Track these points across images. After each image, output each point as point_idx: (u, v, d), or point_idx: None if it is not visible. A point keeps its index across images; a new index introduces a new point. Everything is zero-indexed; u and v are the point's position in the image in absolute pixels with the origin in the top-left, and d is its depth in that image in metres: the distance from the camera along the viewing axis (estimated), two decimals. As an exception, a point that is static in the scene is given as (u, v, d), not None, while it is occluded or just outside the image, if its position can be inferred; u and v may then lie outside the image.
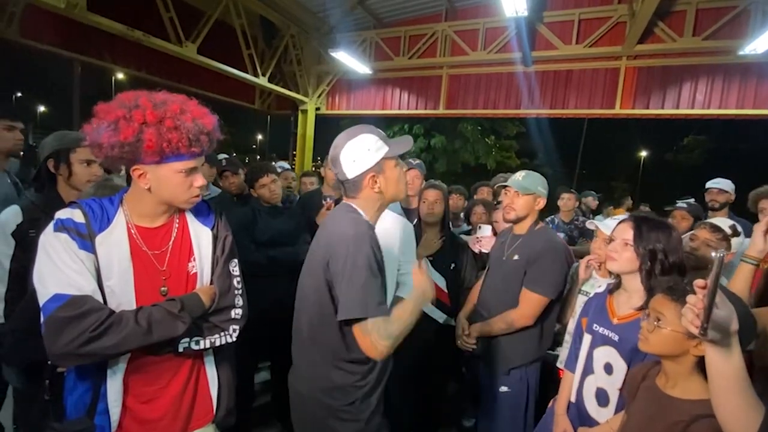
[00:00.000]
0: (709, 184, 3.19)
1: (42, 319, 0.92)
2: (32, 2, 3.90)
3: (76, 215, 1.00)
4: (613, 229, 1.45)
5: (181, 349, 1.06)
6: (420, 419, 2.27)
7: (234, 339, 1.16)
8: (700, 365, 0.96)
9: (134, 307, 1.02)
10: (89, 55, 5.47)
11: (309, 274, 1.25)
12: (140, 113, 0.95)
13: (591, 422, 1.37)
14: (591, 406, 1.38)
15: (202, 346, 1.09)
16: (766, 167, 12.60)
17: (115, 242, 1.02)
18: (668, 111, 5.66)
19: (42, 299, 0.92)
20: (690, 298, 0.76)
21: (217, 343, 1.12)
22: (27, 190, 1.61)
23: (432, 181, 2.43)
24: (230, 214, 2.35)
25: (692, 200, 3.04)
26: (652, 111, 5.73)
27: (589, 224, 1.97)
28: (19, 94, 35.54)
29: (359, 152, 1.17)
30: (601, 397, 1.35)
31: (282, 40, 7.06)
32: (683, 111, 5.59)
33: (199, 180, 1.08)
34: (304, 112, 7.93)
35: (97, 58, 5.54)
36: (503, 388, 1.85)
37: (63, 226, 0.97)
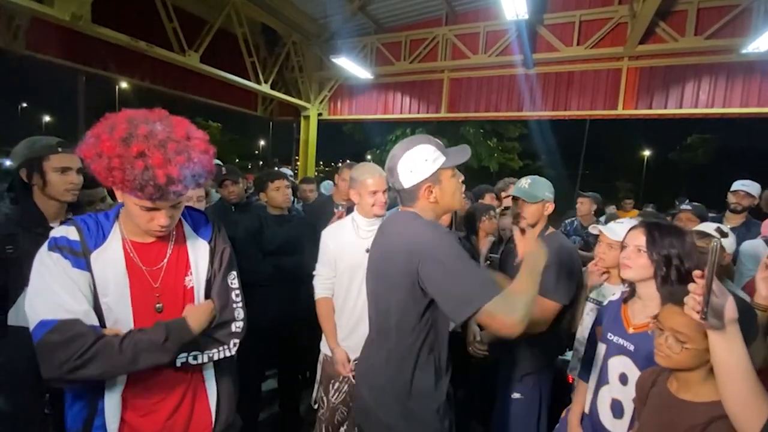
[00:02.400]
0: (737, 186, 2.97)
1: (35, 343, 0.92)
2: (37, 15, 3.95)
3: (71, 233, 1.00)
4: (625, 235, 1.42)
5: (178, 364, 1.05)
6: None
7: (233, 353, 1.15)
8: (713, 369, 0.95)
9: (131, 322, 1.02)
10: (94, 66, 5.52)
11: (385, 284, 1.23)
12: (104, 139, 0.91)
13: (606, 434, 1.34)
14: (606, 417, 1.35)
15: (200, 361, 1.08)
16: (773, 165, 12.48)
17: (110, 259, 1.02)
18: (671, 111, 5.64)
19: (31, 325, 0.93)
20: (691, 286, 0.80)
21: (216, 357, 1.11)
22: (2, 203, 1.50)
23: None
24: (236, 223, 2.37)
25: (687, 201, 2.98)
26: (655, 111, 5.71)
27: (592, 229, 1.94)
28: (25, 105, 35.95)
29: (416, 162, 1.17)
30: (616, 409, 1.32)
31: (283, 47, 7.11)
32: (686, 110, 5.56)
33: (162, 220, 1.02)
34: (307, 118, 7.96)
35: (101, 69, 5.59)
36: (516, 395, 1.83)
37: (56, 245, 0.97)
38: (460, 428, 2.63)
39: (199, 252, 1.15)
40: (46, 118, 37.02)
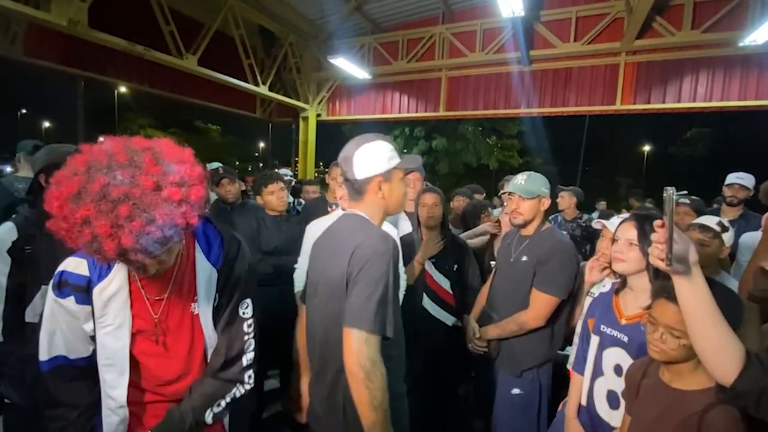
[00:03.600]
0: (731, 179, 2.95)
1: None
2: (35, 21, 3.97)
3: (77, 266, 0.99)
4: (615, 229, 1.42)
5: (210, 422, 1.06)
6: (430, 423, 2.26)
7: (252, 384, 1.13)
8: None
9: (126, 354, 1.01)
10: (92, 71, 5.56)
11: (326, 293, 1.19)
12: (54, 197, 0.76)
13: (603, 425, 1.34)
14: (602, 408, 1.35)
15: (222, 407, 1.08)
16: (772, 158, 12.46)
17: (113, 291, 0.99)
18: (669, 105, 5.64)
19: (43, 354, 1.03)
20: (653, 236, 0.84)
21: (237, 395, 1.10)
22: (20, 206, 1.58)
23: (427, 184, 2.44)
24: (233, 225, 2.38)
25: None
26: (653, 106, 5.72)
27: (596, 224, 1.94)
28: (24, 111, 36.00)
29: (374, 156, 1.20)
30: (613, 400, 1.33)
31: (281, 48, 7.13)
32: (685, 105, 5.57)
33: (146, 270, 0.92)
34: (305, 119, 7.98)
35: (99, 74, 5.63)
36: (515, 390, 1.84)
37: (59, 282, 0.98)
38: (461, 425, 2.65)
39: (206, 278, 1.07)
40: (46, 124, 37.06)
